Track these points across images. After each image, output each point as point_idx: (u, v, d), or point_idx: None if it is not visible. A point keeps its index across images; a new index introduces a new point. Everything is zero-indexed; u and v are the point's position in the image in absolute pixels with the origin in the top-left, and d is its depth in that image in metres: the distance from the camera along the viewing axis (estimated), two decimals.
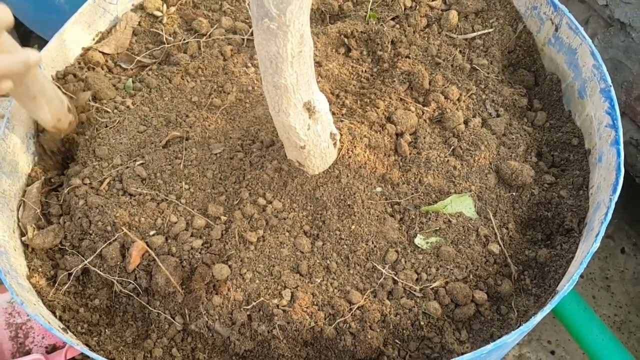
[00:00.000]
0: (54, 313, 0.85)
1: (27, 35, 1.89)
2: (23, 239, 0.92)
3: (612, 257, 1.65)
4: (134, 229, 0.90)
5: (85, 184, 0.95)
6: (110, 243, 0.88)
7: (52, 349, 1.16)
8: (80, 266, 0.88)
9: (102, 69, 1.10)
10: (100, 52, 1.09)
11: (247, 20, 1.15)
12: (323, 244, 0.87)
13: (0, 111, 1.63)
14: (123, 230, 0.88)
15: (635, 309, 1.56)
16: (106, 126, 1.01)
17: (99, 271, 0.88)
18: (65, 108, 0.97)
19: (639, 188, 1.49)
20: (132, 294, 0.87)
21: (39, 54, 0.81)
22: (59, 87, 1.00)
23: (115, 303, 0.89)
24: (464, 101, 1.00)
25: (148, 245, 0.87)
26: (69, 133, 1.01)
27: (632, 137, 1.42)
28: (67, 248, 0.92)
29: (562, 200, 0.90)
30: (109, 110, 1.03)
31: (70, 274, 0.89)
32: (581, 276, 1.62)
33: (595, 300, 1.58)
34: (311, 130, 0.81)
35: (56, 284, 0.89)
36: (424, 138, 0.96)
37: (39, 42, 1.86)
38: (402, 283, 0.82)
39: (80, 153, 1.00)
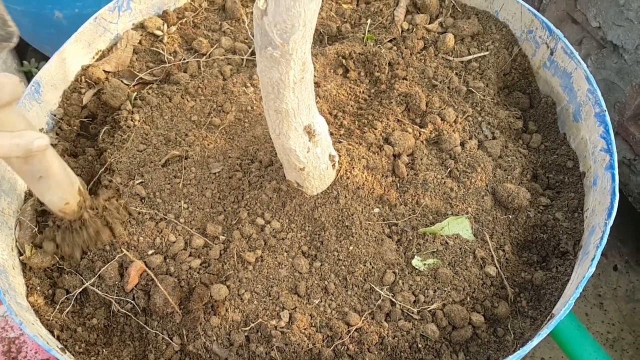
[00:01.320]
0: (52, 332, 0.85)
1: (24, 48, 1.90)
2: (21, 257, 0.92)
3: (604, 274, 1.67)
4: (133, 248, 0.90)
5: None
6: (108, 263, 0.89)
7: None
8: (79, 289, 0.88)
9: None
10: (101, 69, 1.10)
11: (246, 41, 1.16)
12: (321, 265, 0.88)
13: None
14: (122, 251, 0.88)
15: (628, 327, 1.57)
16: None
17: (97, 290, 0.88)
18: (75, 190, 0.86)
19: (631, 206, 1.51)
20: (130, 314, 0.88)
21: (46, 140, 0.72)
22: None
23: (113, 323, 0.89)
24: (460, 123, 1.01)
25: (146, 265, 0.88)
26: (77, 216, 0.89)
27: (624, 157, 1.44)
28: (65, 267, 0.92)
29: (558, 223, 0.91)
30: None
31: (68, 293, 0.89)
32: None
33: (588, 318, 1.59)
34: (311, 153, 0.82)
35: (54, 303, 0.89)
36: (421, 159, 0.97)
37: (36, 55, 1.86)
38: (400, 305, 0.83)
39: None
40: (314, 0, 0.60)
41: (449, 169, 0.96)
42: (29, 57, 1.87)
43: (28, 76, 1.86)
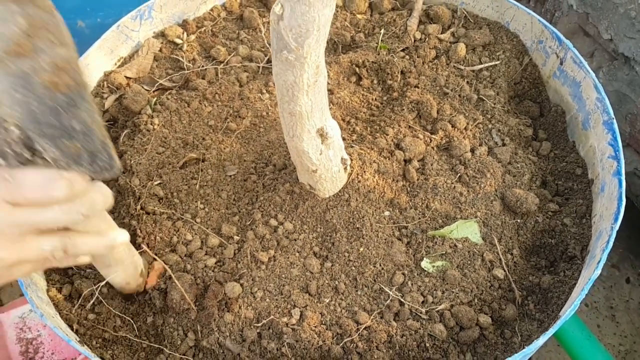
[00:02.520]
0: (71, 327, 0.88)
1: None
2: None
3: (617, 286, 1.66)
4: (151, 246, 0.93)
5: None
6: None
7: None
8: (98, 287, 0.91)
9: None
10: (123, 75, 1.14)
11: (262, 49, 1.20)
12: (332, 265, 0.90)
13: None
14: (142, 248, 0.91)
15: None
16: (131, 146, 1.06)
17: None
18: (138, 273, 0.90)
19: None
20: (146, 311, 0.90)
21: (127, 236, 0.75)
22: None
23: (128, 319, 0.92)
24: (470, 130, 1.03)
25: (164, 262, 0.90)
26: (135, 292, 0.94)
27: (636, 168, 1.44)
28: (82, 268, 0.94)
29: (566, 228, 0.93)
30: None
31: (82, 293, 0.92)
32: (586, 305, 1.63)
33: (600, 330, 1.59)
34: (323, 155, 0.85)
35: (73, 299, 0.92)
36: (432, 165, 0.99)
37: None
38: (409, 305, 0.85)
39: None
40: (327, 7, 0.63)
41: (459, 174, 0.98)
42: None
43: None
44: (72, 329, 0.88)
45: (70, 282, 0.94)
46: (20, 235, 0.61)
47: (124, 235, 0.74)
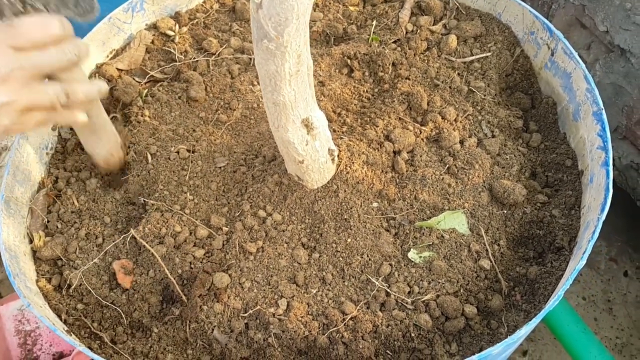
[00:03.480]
0: (59, 317, 0.89)
1: None
2: (31, 245, 0.96)
3: (614, 280, 1.66)
4: (140, 237, 0.94)
5: None
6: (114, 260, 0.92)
7: (60, 356, 1.19)
8: (83, 274, 0.92)
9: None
10: (114, 67, 1.15)
11: None
12: (320, 256, 0.90)
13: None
14: (133, 241, 0.92)
15: (637, 332, 1.56)
16: None
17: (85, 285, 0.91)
18: (118, 144, 1.00)
19: None
20: (136, 302, 0.91)
21: (106, 85, 0.86)
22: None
23: (116, 311, 0.92)
24: (460, 122, 1.03)
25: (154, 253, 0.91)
26: (116, 170, 1.03)
27: (632, 161, 1.44)
28: (71, 259, 0.95)
29: (554, 220, 0.92)
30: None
31: (71, 284, 0.92)
32: (583, 298, 1.63)
33: (597, 323, 1.59)
34: (309, 146, 0.85)
35: (61, 289, 0.93)
36: (421, 156, 0.99)
37: None
38: (395, 295, 0.85)
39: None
40: None
41: (448, 166, 0.98)
42: None
43: None
44: (61, 319, 0.89)
45: (60, 272, 0.95)
46: (26, 80, 0.70)
47: (105, 84, 0.85)
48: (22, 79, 0.70)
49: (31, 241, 0.97)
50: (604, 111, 0.92)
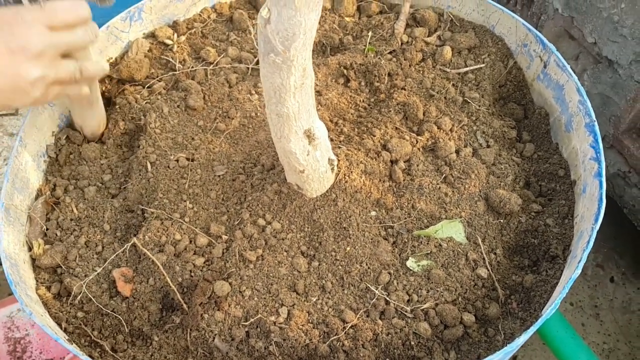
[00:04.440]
0: (59, 325, 0.89)
1: None
2: (30, 253, 0.96)
3: (601, 286, 1.69)
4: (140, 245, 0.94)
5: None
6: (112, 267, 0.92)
7: None
8: (85, 283, 0.92)
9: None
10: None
11: (252, 51, 1.21)
12: (319, 264, 0.91)
13: (10, 129, 1.69)
14: (134, 248, 0.92)
15: (624, 338, 1.59)
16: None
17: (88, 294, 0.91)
18: (105, 120, 1.10)
19: (627, 219, 1.54)
20: (136, 310, 0.91)
21: (107, 65, 0.97)
22: None
23: (116, 320, 0.92)
24: (456, 132, 1.05)
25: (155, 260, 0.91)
26: (97, 139, 1.13)
27: (619, 169, 1.47)
28: (71, 267, 0.95)
29: (548, 229, 0.95)
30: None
31: (71, 291, 0.92)
32: (571, 304, 1.66)
33: (585, 328, 1.62)
34: (310, 156, 0.86)
35: (61, 297, 0.93)
36: (418, 166, 1.01)
37: None
38: (394, 304, 0.86)
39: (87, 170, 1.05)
40: (313, 11, 0.65)
41: (444, 175, 0.99)
42: None
43: None
44: (61, 327, 0.89)
45: (60, 280, 0.95)
46: (55, 56, 0.81)
47: (107, 65, 0.97)
48: (52, 55, 0.81)
49: (30, 249, 0.97)
50: (596, 123, 0.94)
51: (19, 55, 0.77)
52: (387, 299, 0.87)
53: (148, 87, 1.16)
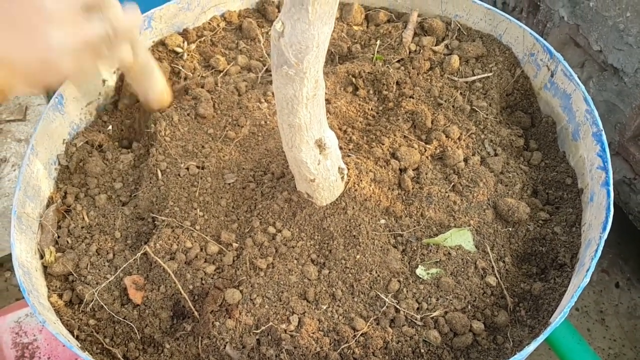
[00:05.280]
0: (72, 332, 0.90)
1: None
2: (42, 260, 0.97)
3: (606, 291, 1.70)
4: (152, 253, 0.95)
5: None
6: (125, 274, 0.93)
7: None
8: (96, 290, 0.93)
9: None
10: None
11: (261, 59, 1.22)
12: (329, 272, 0.92)
13: (19, 135, 1.70)
14: (144, 257, 0.93)
15: (630, 343, 1.59)
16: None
17: (101, 302, 0.92)
18: (167, 85, 1.10)
19: (632, 225, 1.54)
20: (147, 317, 0.92)
21: (140, 14, 0.87)
22: None
23: (127, 327, 0.93)
24: (464, 140, 1.06)
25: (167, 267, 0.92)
26: (166, 107, 1.13)
27: (625, 176, 1.48)
28: (83, 274, 0.96)
29: (556, 237, 0.95)
30: None
31: (83, 299, 0.93)
32: (576, 309, 1.66)
33: (590, 333, 1.62)
34: (321, 165, 0.87)
35: (73, 305, 0.94)
36: (426, 174, 1.02)
37: None
38: (404, 312, 0.87)
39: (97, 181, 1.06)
40: (327, 25, 0.66)
41: (453, 184, 1.00)
42: None
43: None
44: (73, 335, 0.90)
45: (71, 288, 0.95)
46: (76, 12, 0.69)
47: (140, 14, 0.86)
48: (73, 11, 0.69)
49: (42, 257, 0.97)
50: (603, 132, 0.95)
51: (35, 19, 0.66)
52: (397, 306, 0.88)
53: None
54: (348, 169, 0.97)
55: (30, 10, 0.65)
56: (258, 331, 0.87)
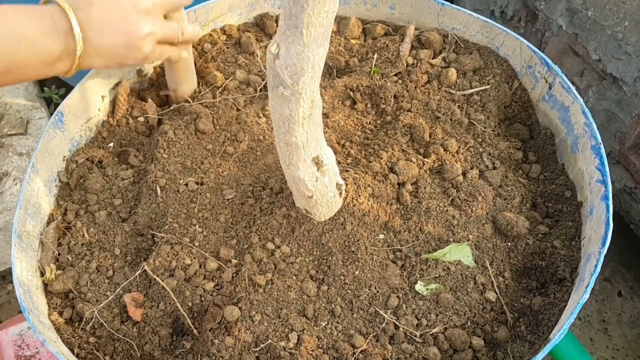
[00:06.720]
0: (72, 350, 0.90)
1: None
2: (42, 278, 0.98)
3: (609, 300, 1.69)
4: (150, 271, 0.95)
5: None
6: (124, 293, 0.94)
7: None
8: (96, 309, 0.93)
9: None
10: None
11: (260, 73, 1.22)
12: (328, 289, 0.92)
13: (20, 149, 1.70)
14: (143, 273, 0.93)
15: (633, 352, 1.59)
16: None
17: (101, 320, 0.92)
18: (196, 81, 1.19)
19: (634, 234, 1.54)
20: (147, 335, 0.92)
21: (200, 29, 1.04)
22: None
23: (127, 345, 0.93)
24: (462, 153, 1.06)
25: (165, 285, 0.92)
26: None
27: (626, 185, 1.47)
28: (83, 292, 0.96)
29: (556, 251, 0.95)
30: None
31: (83, 316, 0.93)
32: (579, 318, 1.66)
33: (593, 343, 1.61)
34: (319, 182, 0.87)
35: (73, 322, 0.94)
36: (425, 188, 1.02)
37: (55, 82, 1.95)
38: (403, 328, 0.87)
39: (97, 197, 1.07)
40: (321, 46, 0.66)
41: (451, 198, 1.00)
42: (49, 83, 1.95)
43: (48, 102, 1.94)
44: (73, 353, 0.90)
45: (72, 305, 0.96)
46: (161, 14, 0.87)
47: (200, 29, 1.03)
48: (158, 14, 0.87)
49: (42, 274, 0.98)
50: (602, 145, 0.95)
51: (131, 11, 0.82)
52: (397, 323, 0.88)
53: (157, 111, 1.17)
54: (346, 184, 0.97)
55: (128, 4, 0.81)
56: (257, 349, 0.87)
